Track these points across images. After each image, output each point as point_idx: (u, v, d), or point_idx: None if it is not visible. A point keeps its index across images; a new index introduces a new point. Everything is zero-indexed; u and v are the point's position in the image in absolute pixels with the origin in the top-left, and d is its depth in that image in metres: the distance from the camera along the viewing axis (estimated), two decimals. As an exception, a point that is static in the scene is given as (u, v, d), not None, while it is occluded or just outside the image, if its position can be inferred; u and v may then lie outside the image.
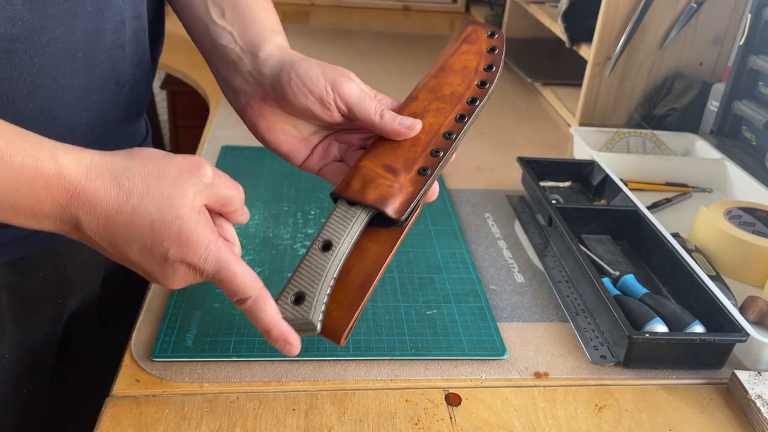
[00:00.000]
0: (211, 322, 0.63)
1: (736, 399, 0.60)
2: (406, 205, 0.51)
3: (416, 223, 0.82)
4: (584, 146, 0.99)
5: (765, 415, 0.56)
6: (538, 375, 0.61)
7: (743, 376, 0.60)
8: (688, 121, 1.10)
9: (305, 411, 0.55)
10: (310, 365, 0.60)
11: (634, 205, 0.82)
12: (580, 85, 1.17)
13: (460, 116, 0.55)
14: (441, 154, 0.53)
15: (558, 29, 1.27)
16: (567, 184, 0.94)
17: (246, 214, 0.51)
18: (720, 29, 1.12)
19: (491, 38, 0.60)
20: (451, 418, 0.56)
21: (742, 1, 1.10)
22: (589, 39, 1.15)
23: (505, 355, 0.62)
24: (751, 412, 0.58)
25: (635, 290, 0.69)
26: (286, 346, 0.48)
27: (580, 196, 0.92)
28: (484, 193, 0.93)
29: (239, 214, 0.49)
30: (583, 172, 0.95)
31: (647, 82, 1.15)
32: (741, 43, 0.99)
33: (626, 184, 0.89)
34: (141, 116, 0.70)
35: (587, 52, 1.15)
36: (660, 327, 0.63)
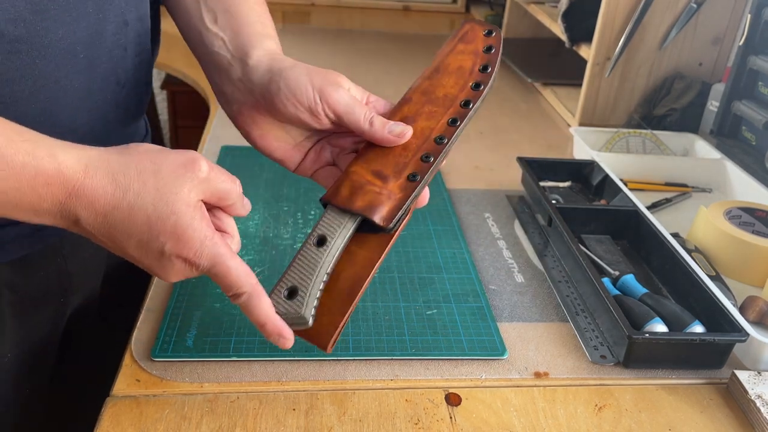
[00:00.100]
0: (211, 322, 0.63)
1: (736, 399, 0.60)
2: (394, 212, 0.50)
3: (416, 224, 0.82)
4: (584, 146, 0.99)
5: (765, 415, 0.56)
6: (538, 375, 0.61)
7: (743, 376, 0.60)
8: (688, 121, 1.10)
9: (305, 411, 0.55)
10: (310, 365, 0.60)
11: (634, 205, 0.83)
12: (580, 85, 1.17)
13: (453, 120, 0.55)
14: (431, 160, 0.52)
15: (558, 29, 1.27)
16: (567, 184, 0.94)
17: (246, 207, 0.51)
18: (720, 29, 1.12)
19: (488, 37, 0.59)
20: (451, 418, 0.56)
21: (742, 1, 1.10)
22: (589, 39, 1.15)
23: (505, 355, 0.62)
24: (751, 412, 0.58)
25: (635, 290, 0.69)
26: (279, 340, 0.48)
27: (579, 196, 0.92)
28: (484, 193, 0.94)
29: (238, 207, 0.50)
30: (582, 172, 0.95)
31: (647, 83, 1.15)
32: (741, 44, 0.99)
33: (626, 184, 0.89)
34: (141, 116, 0.70)
35: (587, 52, 1.15)
36: (660, 327, 0.63)
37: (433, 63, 0.59)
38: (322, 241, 0.50)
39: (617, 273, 0.73)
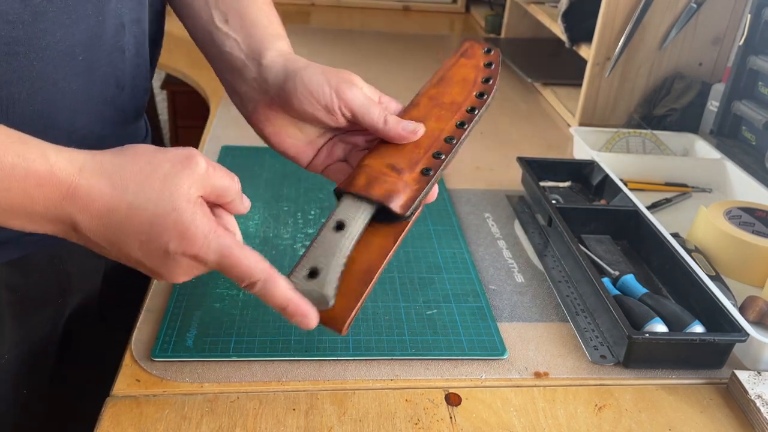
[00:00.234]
0: (211, 322, 0.63)
1: (735, 399, 0.60)
2: (411, 201, 0.52)
3: (416, 223, 0.82)
4: (584, 146, 0.99)
5: (765, 415, 0.56)
6: (538, 375, 0.61)
7: (743, 376, 0.60)
8: (688, 121, 1.10)
9: (305, 411, 0.55)
10: (310, 365, 0.60)
11: (634, 205, 0.83)
12: (580, 85, 1.17)
13: (461, 123, 0.57)
14: (443, 157, 0.54)
15: (558, 29, 1.27)
16: (567, 184, 0.94)
17: (245, 204, 0.50)
18: (720, 29, 1.12)
19: (487, 54, 0.63)
20: (451, 417, 0.56)
21: (741, 1, 1.10)
22: (589, 39, 1.15)
23: (505, 355, 0.62)
24: (751, 412, 0.58)
25: (635, 290, 0.69)
26: (303, 320, 0.47)
27: (579, 196, 0.92)
28: (484, 193, 0.94)
29: (237, 204, 0.49)
30: (582, 172, 0.95)
31: (647, 83, 1.15)
32: (741, 44, 0.99)
33: (626, 184, 0.89)
34: (140, 118, 0.70)
35: (587, 52, 1.15)
36: (660, 327, 0.63)
37: (437, 74, 0.61)
38: (340, 226, 0.51)
39: (617, 273, 0.73)
